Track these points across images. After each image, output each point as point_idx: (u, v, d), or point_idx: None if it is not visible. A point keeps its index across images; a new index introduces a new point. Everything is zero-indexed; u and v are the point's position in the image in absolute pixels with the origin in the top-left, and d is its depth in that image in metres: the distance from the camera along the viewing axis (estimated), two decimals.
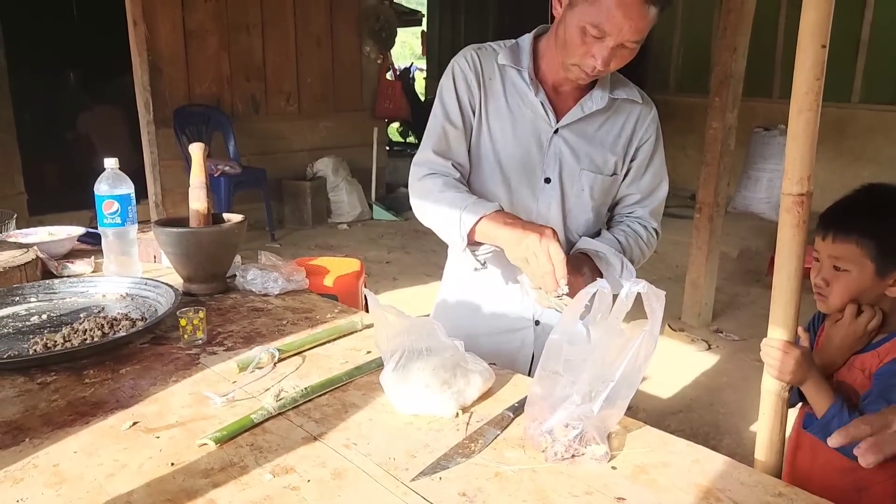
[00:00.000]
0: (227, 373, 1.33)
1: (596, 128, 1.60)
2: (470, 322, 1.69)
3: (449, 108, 1.58)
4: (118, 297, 1.68)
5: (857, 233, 1.31)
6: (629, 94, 1.62)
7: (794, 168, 1.09)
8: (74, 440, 1.09)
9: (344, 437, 1.11)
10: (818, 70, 1.05)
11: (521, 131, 1.58)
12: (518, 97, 1.58)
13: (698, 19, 8.11)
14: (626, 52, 1.42)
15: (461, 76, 1.58)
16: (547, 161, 1.59)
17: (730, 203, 4.60)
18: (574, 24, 1.41)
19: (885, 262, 1.30)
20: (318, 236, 6.48)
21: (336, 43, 7.08)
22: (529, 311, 1.67)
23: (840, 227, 1.33)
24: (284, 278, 1.79)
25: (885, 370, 1.26)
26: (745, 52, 4.04)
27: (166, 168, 5.88)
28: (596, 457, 1.05)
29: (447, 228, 1.50)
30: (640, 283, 1.12)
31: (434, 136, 1.59)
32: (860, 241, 1.31)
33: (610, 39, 1.38)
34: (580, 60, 1.44)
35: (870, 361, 1.31)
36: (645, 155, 1.65)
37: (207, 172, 1.77)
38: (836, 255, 1.33)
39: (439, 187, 1.52)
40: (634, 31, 1.37)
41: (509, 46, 1.60)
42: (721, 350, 4.09)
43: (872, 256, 1.30)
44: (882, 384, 1.24)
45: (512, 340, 1.68)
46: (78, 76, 7.47)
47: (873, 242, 1.30)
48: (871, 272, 1.31)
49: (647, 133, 1.64)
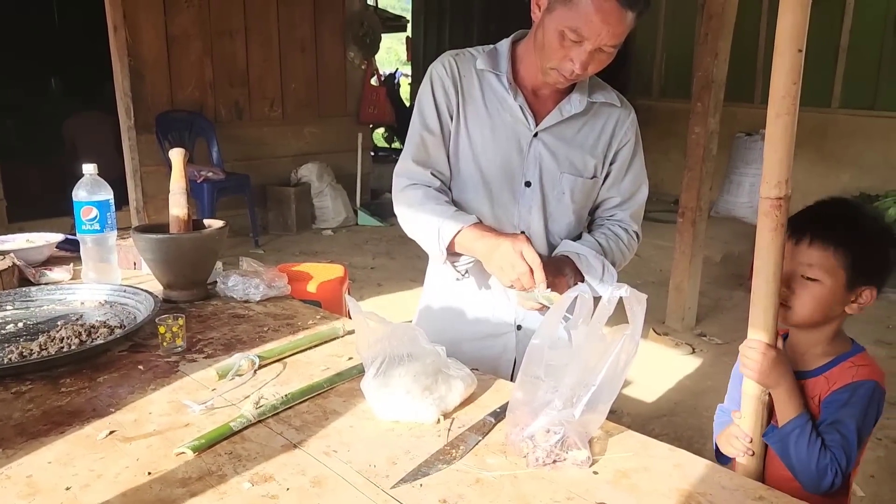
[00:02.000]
0: (206, 380, 1.32)
1: (575, 131, 1.61)
2: (452, 328, 1.68)
3: (427, 115, 1.59)
4: (97, 304, 1.66)
5: (835, 240, 1.24)
6: (607, 97, 1.62)
7: (771, 172, 1.10)
8: (49, 450, 1.07)
9: (324, 445, 1.10)
10: (795, 74, 1.06)
11: (501, 136, 1.58)
12: (497, 102, 1.58)
13: (680, 25, 8.17)
14: (603, 56, 1.43)
15: (438, 82, 1.59)
16: (527, 165, 1.59)
17: (712, 207, 4.63)
18: (552, 28, 1.41)
19: (856, 275, 1.25)
20: (302, 242, 6.45)
21: (320, 49, 7.06)
22: (511, 315, 1.67)
23: (819, 233, 1.25)
24: (266, 284, 1.77)
25: (832, 399, 1.22)
26: (727, 57, 4.07)
27: (148, 174, 5.83)
28: (577, 462, 1.05)
29: (427, 241, 1.54)
30: (623, 288, 1.12)
31: (413, 146, 1.60)
32: (838, 250, 1.24)
33: (588, 43, 1.39)
34: (558, 64, 1.45)
35: (819, 387, 1.26)
36: (624, 158, 1.66)
37: (189, 178, 1.75)
38: (810, 262, 1.25)
39: (419, 199, 1.55)
40: (612, 36, 1.38)
41: (487, 52, 1.60)
42: (705, 354, 4.11)
43: (846, 266, 1.24)
44: (831, 415, 1.21)
45: (494, 345, 1.68)
46: (59, 82, 7.41)
47: (850, 252, 1.24)
48: (842, 284, 1.25)
49: (626, 136, 1.64)
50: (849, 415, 1.20)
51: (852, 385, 1.22)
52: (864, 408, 1.21)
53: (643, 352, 4.22)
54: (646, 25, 8.73)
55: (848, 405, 1.20)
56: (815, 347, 1.30)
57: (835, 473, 1.17)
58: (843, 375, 1.24)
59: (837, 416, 1.20)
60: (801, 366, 1.29)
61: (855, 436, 1.19)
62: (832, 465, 1.17)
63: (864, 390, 1.22)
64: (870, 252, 1.26)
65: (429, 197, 1.55)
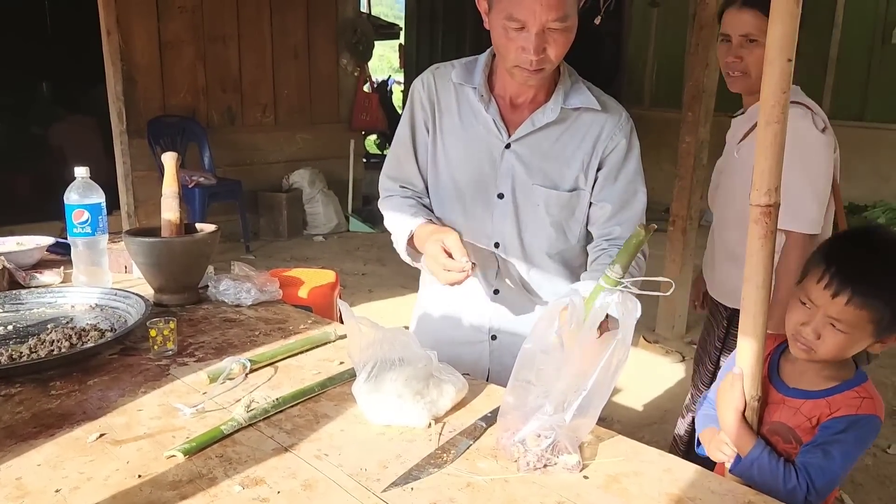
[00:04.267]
0: (197, 384, 1.32)
1: (552, 141, 1.55)
2: (435, 332, 1.70)
3: (401, 130, 1.66)
4: (87, 307, 1.66)
5: (873, 303, 1.15)
6: (584, 101, 1.53)
7: (761, 179, 1.11)
8: (38, 453, 1.07)
9: (315, 448, 1.10)
10: (785, 83, 1.07)
11: (474, 148, 1.58)
12: (472, 114, 1.58)
13: (672, 35, 8.22)
14: (556, 34, 1.38)
15: (417, 99, 1.62)
16: (499, 177, 1.57)
17: (703, 216, 4.64)
18: (496, 25, 1.41)
19: (887, 329, 1.18)
20: (293, 248, 6.44)
21: (313, 55, 7.06)
22: (486, 325, 1.67)
23: (857, 294, 1.15)
24: (257, 289, 1.77)
25: (830, 424, 1.19)
26: (717, 67, 4.10)
27: (140, 179, 5.81)
28: (568, 466, 1.05)
29: (398, 249, 1.64)
30: (614, 294, 1.13)
31: (390, 160, 1.71)
32: (872, 309, 1.15)
33: (531, 26, 1.35)
34: (516, 58, 1.41)
35: (819, 409, 1.22)
36: (613, 163, 1.56)
37: (181, 183, 1.75)
38: (841, 318, 1.17)
39: (391, 207, 1.66)
40: (548, 10, 1.33)
41: (466, 63, 1.60)
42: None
43: (878, 322, 1.17)
44: (824, 437, 1.19)
45: (471, 353, 1.68)
46: (51, 87, 7.37)
47: (886, 312, 1.16)
48: (869, 336, 1.19)
49: (612, 141, 1.55)
50: (841, 443, 1.17)
51: (854, 417, 1.18)
52: (860, 441, 1.19)
53: (634, 360, 4.22)
54: (638, 35, 8.80)
55: (845, 434, 1.18)
56: (818, 370, 1.26)
57: (806, 491, 1.15)
58: (847, 405, 1.20)
59: (829, 440, 1.18)
60: (801, 384, 1.26)
61: (840, 463, 1.17)
62: (801, 485, 1.15)
63: (864, 424, 1.19)
64: None
65: (399, 205, 1.64)
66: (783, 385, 1.28)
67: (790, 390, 1.27)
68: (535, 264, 1.62)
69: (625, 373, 1.12)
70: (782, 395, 1.27)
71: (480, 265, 1.57)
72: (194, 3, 6.12)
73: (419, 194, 1.67)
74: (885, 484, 2.87)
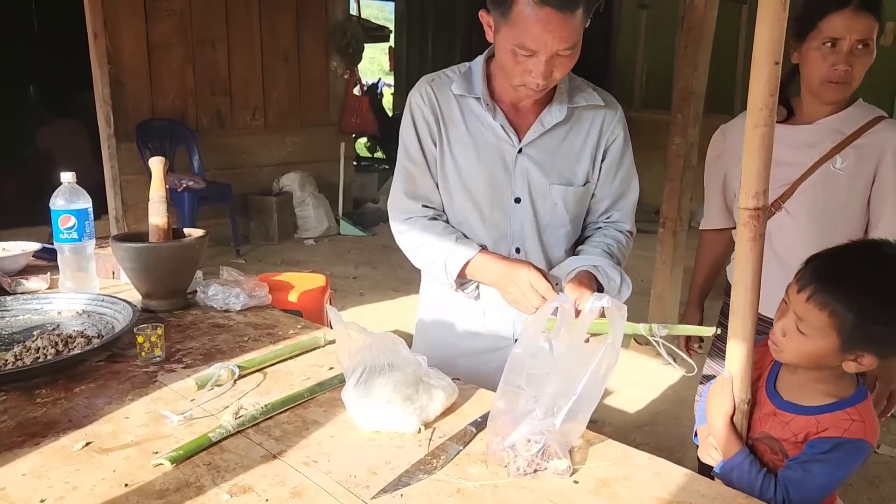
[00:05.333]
0: (185, 391, 1.31)
1: (560, 140, 1.60)
2: (449, 343, 1.68)
3: (409, 147, 1.61)
4: (74, 314, 1.64)
5: (833, 303, 1.12)
6: (589, 99, 1.59)
7: (750, 182, 1.11)
8: (23, 462, 1.05)
9: (304, 455, 1.10)
10: (772, 86, 1.07)
11: (486, 155, 1.58)
12: (478, 122, 1.58)
13: (661, 38, 8.25)
14: (563, 59, 1.41)
15: (418, 111, 1.59)
16: (514, 181, 1.58)
17: (693, 218, 4.65)
18: (504, 48, 1.42)
19: (853, 341, 1.13)
20: (283, 252, 6.42)
21: (303, 58, 7.05)
22: (509, 329, 1.66)
23: (819, 290, 1.13)
24: (246, 294, 1.76)
25: (816, 443, 1.16)
26: (706, 69, 4.12)
27: (129, 183, 5.78)
28: (558, 471, 1.05)
29: (436, 275, 1.59)
30: (604, 298, 1.13)
31: (401, 179, 1.63)
32: (835, 314, 1.12)
33: (540, 54, 1.38)
34: (522, 80, 1.44)
35: (807, 427, 1.18)
36: (614, 155, 1.63)
37: (169, 187, 1.74)
38: (804, 316, 1.15)
39: (418, 232, 1.59)
40: (560, 40, 1.36)
41: (462, 73, 1.60)
42: (686, 363, 4.12)
43: (842, 331, 1.12)
44: (808, 455, 1.16)
45: (491, 360, 1.64)
46: (38, 90, 7.32)
47: (850, 318, 1.11)
48: (835, 347, 1.14)
49: (613, 133, 1.62)
50: (823, 462, 1.15)
51: (840, 440, 1.14)
52: (844, 464, 1.15)
53: (625, 362, 4.22)
54: (627, 38, 8.83)
55: (828, 455, 1.15)
56: (814, 384, 1.21)
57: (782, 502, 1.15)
58: (836, 426, 1.16)
59: (812, 458, 1.16)
60: (796, 397, 1.23)
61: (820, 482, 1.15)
62: (777, 499, 1.14)
63: (850, 448, 1.14)
64: (873, 322, 1.12)
65: (427, 228, 1.59)
66: (778, 397, 1.26)
67: (783, 403, 1.24)
68: (554, 263, 1.63)
69: (616, 375, 1.12)
70: (774, 407, 1.25)
71: None
72: (183, 6, 6.10)
73: (440, 212, 1.64)
74: (875, 484, 2.89)
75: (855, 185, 1.73)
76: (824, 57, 1.67)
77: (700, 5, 3.98)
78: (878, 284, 1.14)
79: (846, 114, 1.75)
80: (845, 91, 1.71)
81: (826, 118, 1.76)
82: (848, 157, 1.74)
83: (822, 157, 1.75)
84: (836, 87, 1.69)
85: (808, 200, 1.77)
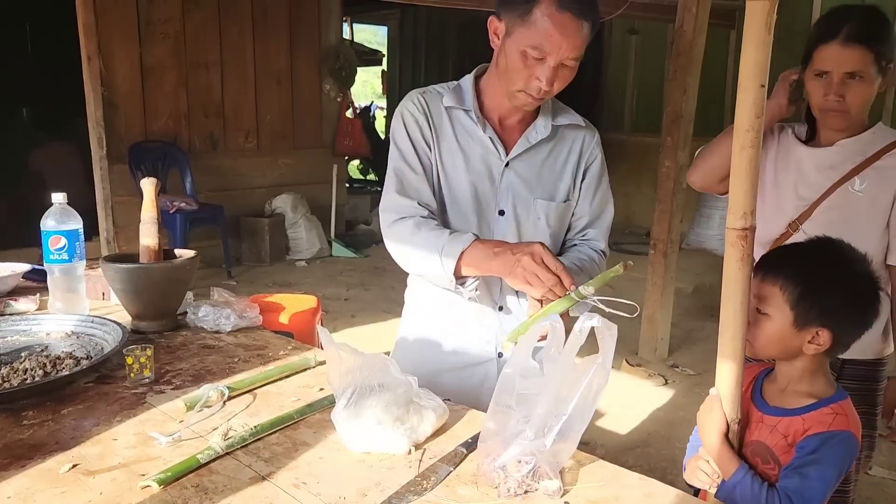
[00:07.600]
0: (174, 412, 1.30)
1: (544, 156, 1.65)
2: (430, 359, 1.68)
3: (404, 150, 1.60)
4: (63, 335, 1.63)
5: (783, 276, 1.26)
6: (571, 119, 1.67)
7: (737, 203, 1.12)
8: (8, 485, 1.04)
9: (293, 477, 1.09)
10: (759, 108, 1.09)
11: (473, 167, 1.61)
12: (467, 135, 1.61)
13: (650, 62, 8.35)
14: (566, 71, 1.48)
15: (410, 118, 1.60)
16: (500, 194, 1.62)
17: (683, 240, 4.68)
18: (514, 50, 1.46)
19: (804, 313, 1.24)
20: (275, 273, 6.41)
21: (296, 81, 7.10)
22: (492, 343, 1.66)
23: (770, 268, 1.29)
24: (237, 315, 1.76)
25: (804, 444, 1.21)
26: (696, 93, 4.17)
27: (121, 205, 5.76)
28: (549, 492, 1.05)
29: (431, 272, 1.52)
30: (594, 318, 1.13)
31: (394, 180, 1.59)
32: (784, 286, 1.25)
33: (551, 59, 1.43)
34: (525, 85, 1.48)
35: (794, 427, 1.24)
36: (593, 175, 1.70)
37: (161, 208, 1.74)
38: (760, 295, 1.27)
39: (410, 230, 1.53)
40: (572, 48, 1.43)
41: (452, 88, 1.64)
42: (677, 385, 4.13)
43: (792, 303, 1.24)
44: (800, 460, 1.20)
45: (474, 375, 1.66)
46: (31, 112, 7.34)
47: (797, 289, 1.24)
48: (790, 321, 1.25)
49: (592, 154, 1.69)
50: (815, 463, 1.18)
51: (825, 435, 1.20)
52: (835, 459, 1.19)
53: (616, 383, 4.23)
54: (618, 63, 8.93)
55: (818, 453, 1.19)
56: (794, 384, 1.29)
57: None
58: (820, 422, 1.22)
59: (804, 462, 1.19)
60: (781, 402, 1.29)
61: (818, 484, 1.17)
62: None
63: (837, 441, 1.20)
64: (819, 293, 1.24)
65: (420, 225, 1.53)
66: (764, 404, 1.31)
67: (769, 408, 1.29)
68: None
69: (607, 396, 1.12)
70: (761, 413, 1.29)
71: (484, 282, 1.57)
72: (176, 29, 6.15)
73: (434, 214, 1.59)
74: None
75: (874, 207, 1.74)
76: (819, 87, 1.71)
77: (689, 31, 4.04)
78: (820, 259, 1.30)
79: (867, 136, 1.76)
80: (845, 119, 1.73)
81: (846, 140, 1.77)
82: (867, 178, 1.74)
83: (842, 178, 1.76)
84: (834, 115, 1.73)
85: (826, 222, 1.75)
